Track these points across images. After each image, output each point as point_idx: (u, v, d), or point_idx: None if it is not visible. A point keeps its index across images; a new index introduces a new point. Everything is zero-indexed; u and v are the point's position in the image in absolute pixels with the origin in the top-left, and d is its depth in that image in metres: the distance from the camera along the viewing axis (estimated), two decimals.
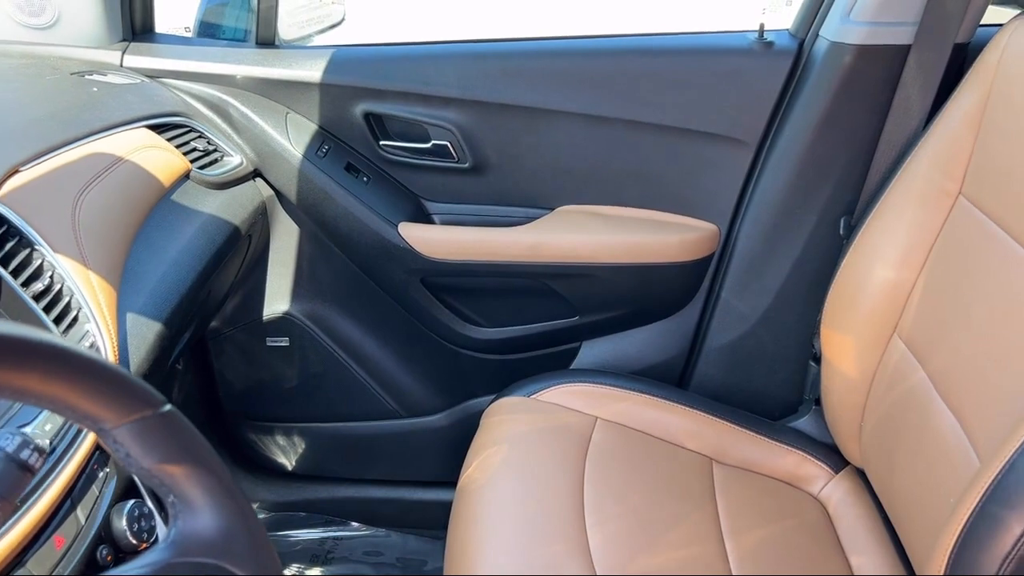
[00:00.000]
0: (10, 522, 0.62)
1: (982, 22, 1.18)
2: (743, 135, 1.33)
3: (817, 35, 1.28)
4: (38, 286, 0.81)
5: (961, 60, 1.16)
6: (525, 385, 1.31)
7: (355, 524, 1.60)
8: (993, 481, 0.80)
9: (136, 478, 0.47)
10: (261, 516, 1.57)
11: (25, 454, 0.47)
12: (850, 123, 1.25)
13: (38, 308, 0.78)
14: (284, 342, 1.53)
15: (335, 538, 1.57)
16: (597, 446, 1.22)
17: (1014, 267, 0.93)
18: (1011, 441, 0.80)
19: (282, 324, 1.51)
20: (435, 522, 1.57)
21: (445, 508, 1.17)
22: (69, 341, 0.40)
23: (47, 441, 0.69)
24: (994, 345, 0.93)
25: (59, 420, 0.72)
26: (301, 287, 1.50)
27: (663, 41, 1.35)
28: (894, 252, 1.13)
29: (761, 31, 1.30)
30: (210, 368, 1.56)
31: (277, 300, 1.50)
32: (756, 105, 1.31)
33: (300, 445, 1.61)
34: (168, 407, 0.46)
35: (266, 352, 1.53)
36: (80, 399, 0.41)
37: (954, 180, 1.07)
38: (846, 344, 1.19)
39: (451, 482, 1.21)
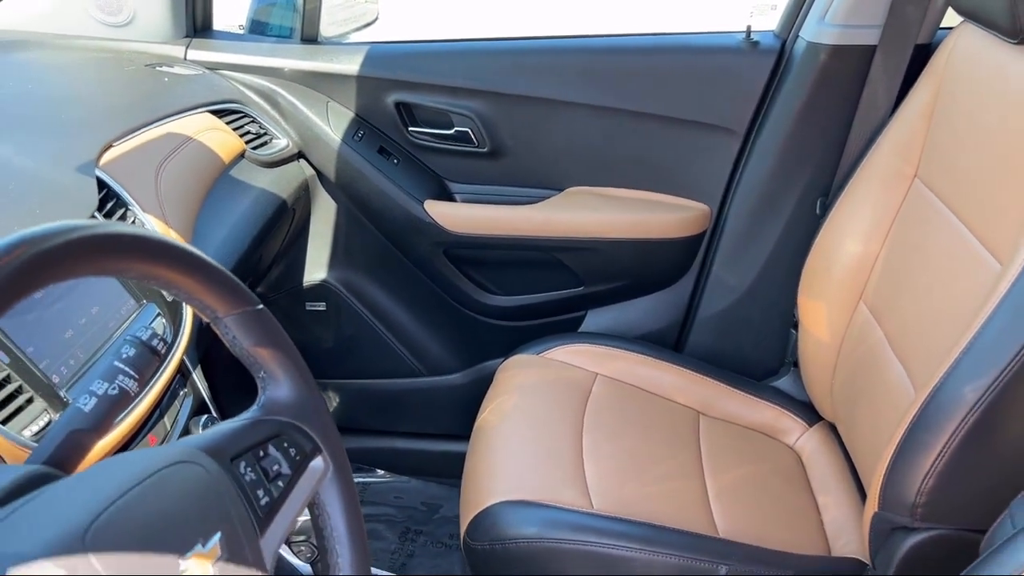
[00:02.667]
0: (130, 407, 0.80)
1: (944, 25, 1.33)
2: (732, 125, 1.48)
3: (797, 36, 1.42)
4: None
5: (923, 59, 1.30)
6: (535, 344, 1.46)
7: (381, 472, 1.76)
8: (919, 410, 0.95)
9: (237, 356, 0.63)
10: None
11: (155, 342, 0.65)
12: (825, 115, 1.39)
13: None
14: (321, 307, 1.70)
15: (364, 483, 1.74)
16: (596, 398, 1.37)
17: (952, 239, 1.08)
18: (934, 377, 0.94)
19: (320, 291, 1.68)
20: (452, 471, 1.72)
21: (461, 458, 1.31)
22: (204, 255, 0.58)
23: (166, 336, 0.87)
24: (934, 305, 1.08)
25: (161, 328, 0.90)
26: (337, 257, 1.67)
27: (661, 40, 1.50)
28: (861, 228, 1.27)
29: (748, 32, 1.45)
30: None
31: (316, 269, 1.67)
32: (743, 98, 1.46)
33: (334, 400, 1.78)
34: (261, 306, 0.63)
35: (305, 316, 1.70)
36: (206, 293, 0.58)
37: (911, 165, 1.22)
38: (819, 310, 1.33)
39: (467, 435, 1.34)
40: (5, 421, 0.73)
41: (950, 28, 1.24)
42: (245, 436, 0.60)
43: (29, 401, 0.76)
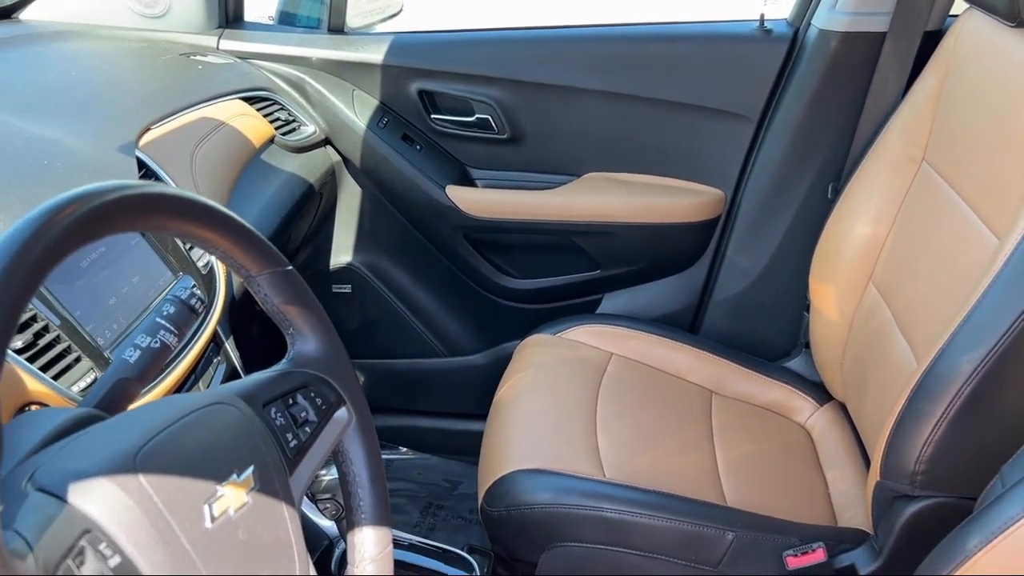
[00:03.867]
0: (170, 361, 0.86)
1: (953, 13, 1.35)
2: (745, 111, 1.51)
3: (809, 24, 1.45)
4: None
5: (933, 46, 1.33)
6: (552, 325, 1.50)
7: (404, 449, 1.82)
8: (918, 381, 0.98)
9: (268, 314, 0.69)
10: None
11: (192, 300, 0.71)
12: (836, 101, 1.42)
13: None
14: (347, 289, 1.75)
15: (387, 460, 1.79)
16: (611, 376, 1.41)
17: (956, 218, 1.11)
18: (934, 349, 0.98)
19: (346, 273, 1.74)
20: (472, 449, 1.76)
21: (481, 437, 1.35)
22: (241, 218, 0.63)
23: (204, 296, 0.93)
24: (938, 282, 1.11)
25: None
26: (362, 241, 1.72)
27: (676, 28, 1.54)
28: (870, 211, 1.30)
29: (762, 20, 1.48)
30: None
31: (342, 252, 1.73)
32: (757, 85, 1.49)
33: (359, 379, 1.83)
34: (290, 267, 0.68)
35: (331, 298, 1.76)
36: (241, 254, 0.64)
37: (919, 149, 1.25)
38: (830, 292, 1.37)
39: (486, 414, 1.38)
40: (56, 377, 0.79)
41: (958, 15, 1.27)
42: (276, 385, 0.66)
43: (77, 360, 0.82)
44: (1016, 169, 0.99)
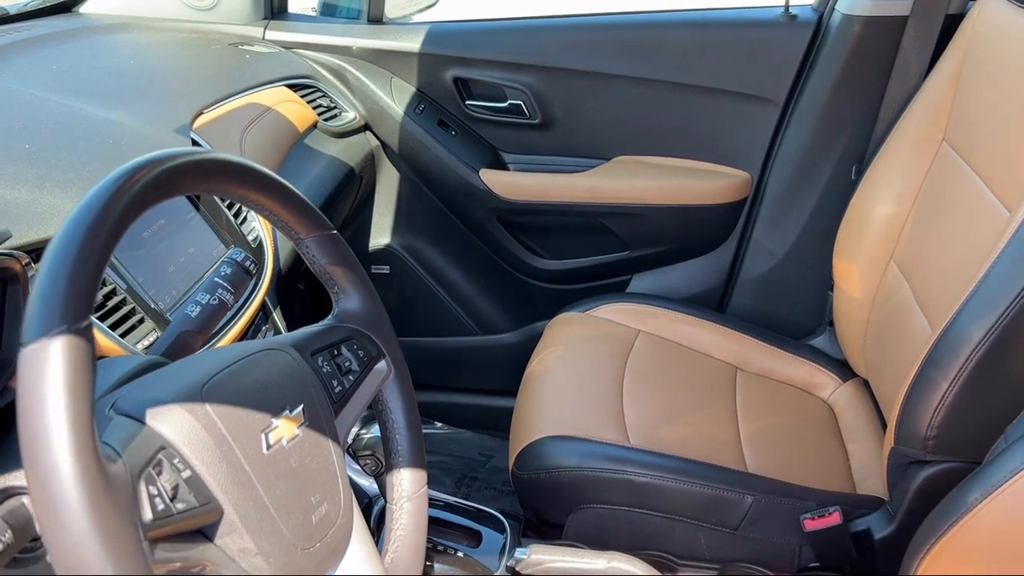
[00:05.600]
0: (227, 319, 0.93)
1: None
2: (771, 95, 1.55)
3: (834, 9, 1.48)
4: None
5: (954, 28, 1.35)
6: (582, 303, 1.55)
7: (438, 424, 1.89)
8: (930, 349, 1.02)
9: (315, 273, 0.75)
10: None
11: (247, 263, 0.78)
12: (860, 84, 1.45)
13: (229, 213, 1.10)
14: (385, 270, 1.83)
15: (423, 434, 1.86)
16: (638, 351, 1.45)
17: (972, 193, 1.14)
18: (946, 318, 1.01)
19: (384, 254, 1.81)
20: (504, 424, 1.82)
21: (511, 412, 1.41)
22: (293, 187, 0.69)
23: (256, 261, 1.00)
24: (954, 256, 1.15)
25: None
26: (400, 224, 1.79)
27: (703, 15, 1.58)
28: (892, 191, 1.33)
29: (787, 5, 1.51)
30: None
31: (381, 234, 1.80)
32: (782, 69, 1.52)
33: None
34: (335, 232, 0.75)
35: (370, 278, 1.83)
36: (292, 218, 0.70)
37: (939, 129, 1.28)
38: (853, 270, 1.40)
39: (517, 391, 1.43)
40: (123, 335, 0.87)
41: None
42: (322, 337, 0.73)
43: (140, 321, 0.90)
44: None
